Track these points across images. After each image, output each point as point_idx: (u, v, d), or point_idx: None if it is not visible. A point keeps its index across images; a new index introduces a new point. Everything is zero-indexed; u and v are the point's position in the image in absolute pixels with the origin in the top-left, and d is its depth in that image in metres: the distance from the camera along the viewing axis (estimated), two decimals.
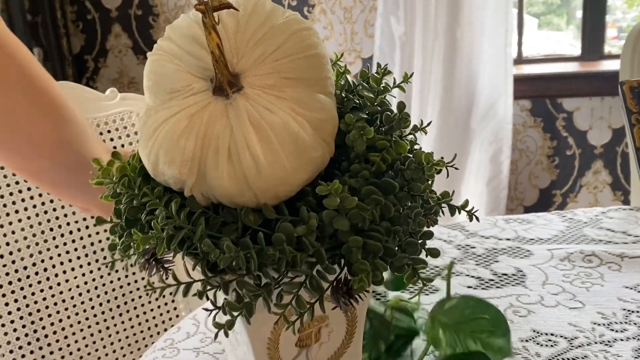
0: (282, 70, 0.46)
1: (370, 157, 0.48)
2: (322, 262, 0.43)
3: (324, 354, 0.55)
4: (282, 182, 0.44)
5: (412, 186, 0.48)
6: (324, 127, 0.46)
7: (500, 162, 2.14)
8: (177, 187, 0.46)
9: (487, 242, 1.05)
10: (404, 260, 0.44)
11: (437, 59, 2.05)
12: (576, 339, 0.77)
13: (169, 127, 0.45)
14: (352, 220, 0.44)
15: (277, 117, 0.44)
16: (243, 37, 0.47)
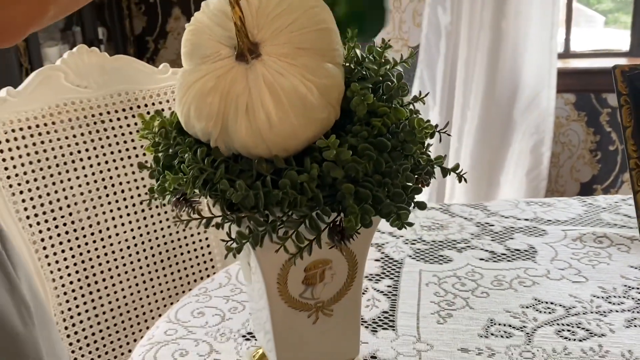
0: (295, 41, 0.54)
1: (372, 122, 0.55)
2: (319, 204, 0.51)
3: (327, 293, 0.63)
4: (290, 137, 0.52)
5: (405, 147, 0.55)
6: (330, 92, 0.54)
7: (541, 154, 2.16)
8: (205, 139, 0.55)
9: (506, 221, 1.11)
10: (390, 208, 0.52)
11: (481, 49, 2.09)
12: (573, 308, 0.83)
13: (199, 87, 0.53)
14: (348, 171, 0.51)
15: (288, 81, 0.52)
16: (263, 13, 0.55)
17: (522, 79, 2.13)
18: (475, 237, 1.05)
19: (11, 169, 0.96)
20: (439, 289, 0.89)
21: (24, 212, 0.97)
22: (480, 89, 2.12)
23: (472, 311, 0.83)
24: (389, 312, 0.84)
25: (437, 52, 2.18)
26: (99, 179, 1.06)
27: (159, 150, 0.58)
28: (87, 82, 1.06)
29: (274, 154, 0.53)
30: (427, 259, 0.98)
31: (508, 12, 2.06)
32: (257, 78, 0.52)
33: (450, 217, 1.13)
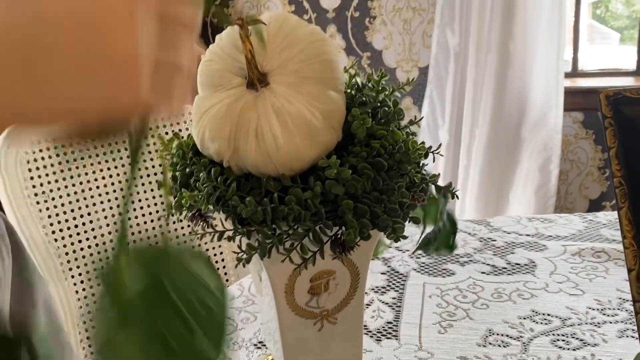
0: (300, 70, 0.59)
1: (371, 143, 0.61)
2: (321, 219, 0.56)
3: (331, 302, 0.68)
4: (296, 157, 0.58)
5: (401, 166, 0.60)
6: (332, 116, 0.59)
7: (549, 172, 2.20)
8: (219, 159, 0.60)
9: (508, 236, 1.15)
10: (386, 222, 0.57)
11: (489, 70, 2.14)
12: (569, 319, 0.87)
13: (213, 112, 0.59)
14: (348, 188, 0.57)
15: (294, 107, 0.58)
16: (271, 46, 0.61)
17: (529, 98, 2.18)
18: (478, 251, 1.09)
19: (38, 186, 1.03)
20: (441, 300, 0.94)
21: (49, 227, 1.03)
22: (489, 108, 2.17)
23: (472, 322, 0.87)
24: (393, 323, 0.88)
25: (446, 73, 2.24)
26: (119, 197, 1.12)
27: (176, 169, 0.64)
28: None
29: (281, 172, 0.59)
30: (431, 272, 1.03)
31: (515, 34, 2.11)
32: (265, 105, 0.58)
33: None
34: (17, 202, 1.00)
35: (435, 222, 0.73)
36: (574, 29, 2.34)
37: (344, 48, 2.44)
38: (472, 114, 2.20)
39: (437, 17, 2.22)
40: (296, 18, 0.63)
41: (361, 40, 2.42)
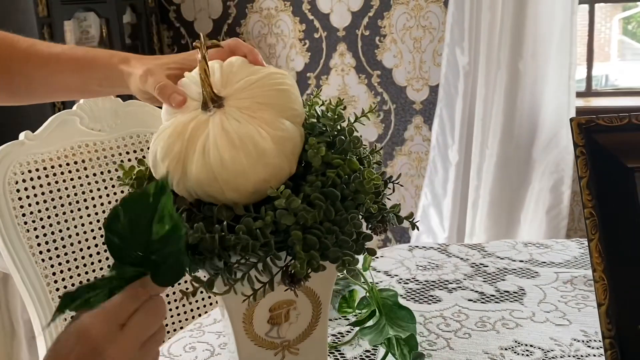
0: (256, 96, 0.60)
1: (327, 172, 0.60)
2: (270, 249, 0.55)
3: (292, 333, 0.67)
4: (240, 175, 0.57)
5: (357, 196, 0.59)
6: (284, 143, 0.59)
7: (561, 192, 2.16)
8: (170, 182, 0.60)
9: (501, 262, 1.13)
10: (337, 254, 0.56)
11: (499, 89, 2.12)
12: (552, 351, 0.84)
13: (166, 133, 0.60)
14: (299, 219, 0.56)
15: (243, 127, 0.58)
16: (233, 75, 0.62)
17: (540, 118, 2.14)
18: (467, 277, 1.07)
19: (26, 207, 1.03)
20: (423, 329, 0.92)
21: (37, 247, 1.04)
22: (499, 127, 2.14)
23: (452, 352, 0.85)
24: (370, 352, 0.87)
25: (455, 92, 2.22)
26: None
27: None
28: (101, 126, 1.14)
29: (227, 192, 0.58)
30: (417, 298, 1.01)
31: (525, 53, 2.09)
32: (215, 124, 0.58)
33: (447, 257, 1.16)
34: (5, 223, 1.01)
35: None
36: (588, 47, 2.31)
37: (354, 66, 2.43)
38: (482, 133, 2.18)
39: (447, 35, 2.20)
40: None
41: (371, 58, 2.41)
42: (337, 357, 0.85)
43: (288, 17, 2.47)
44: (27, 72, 0.81)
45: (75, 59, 0.81)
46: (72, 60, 0.81)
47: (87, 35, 2.26)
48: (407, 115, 2.43)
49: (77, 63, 0.81)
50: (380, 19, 2.36)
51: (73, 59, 0.81)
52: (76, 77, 0.81)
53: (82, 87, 0.83)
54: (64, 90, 0.85)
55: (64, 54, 0.82)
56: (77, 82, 0.82)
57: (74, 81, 0.82)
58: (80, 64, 0.80)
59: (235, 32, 2.56)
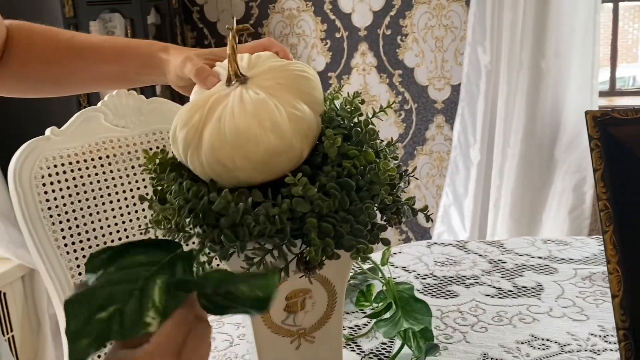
0: (278, 78, 0.62)
1: (343, 163, 0.61)
2: (285, 235, 0.56)
3: (308, 321, 0.68)
4: (251, 141, 0.58)
5: (371, 187, 0.60)
6: (298, 122, 0.60)
7: (584, 192, 2.14)
8: (184, 153, 0.62)
9: (519, 258, 1.13)
10: (351, 242, 0.57)
11: (521, 88, 2.11)
12: (568, 345, 0.84)
13: (189, 106, 0.62)
14: (314, 207, 0.57)
15: (260, 97, 0.60)
16: (259, 63, 0.64)
17: (562, 117, 2.13)
18: (485, 273, 1.07)
19: (52, 200, 1.06)
20: (440, 322, 0.92)
21: (62, 240, 1.07)
22: (521, 127, 2.13)
23: (468, 345, 0.86)
24: (387, 344, 0.87)
25: (477, 91, 2.21)
26: (132, 211, 1.15)
27: (155, 184, 0.65)
28: (125, 122, 1.16)
29: (235, 159, 0.59)
30: (434, 293, 1.02)
31: (547, 52, 2.08)
32: (235, 95, 0.60)
33: (465, 254, 1.16)
34: (31, 216, 1.04)
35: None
36: (612, 47, 2.28)
37: (375, 66, 2.44)
38: (504, 133, 2.17)
39: (468, 34, 2.20)
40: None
41: (393, 58, 2.41)
42: (354, 349, 0.86)
43: (310, 17, 2.49)
44: (67, 63, 0.84)
45: (115, 48, 0.84)
46: (112, 49, 0.84)
47: (112, 36, 2.30)
48: (429, 115, 2.43)
49: (117, 51, 0.84)
50: (402, 18, 2.37)
51: (113, 48, 0.84)
52: (115, 65, 0.84)
53: (121, 75, 0.85)
54: (102, 79, 0.87)
55: (105, 42, 0.85)
56: (115, 70, 0.84)
57: (112, 69, 0.84)
58: (120, 52, 0.83)
59: (257, 33, 2.58)
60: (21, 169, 1.04)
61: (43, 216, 1.05)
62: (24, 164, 1.04)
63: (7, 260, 1.88)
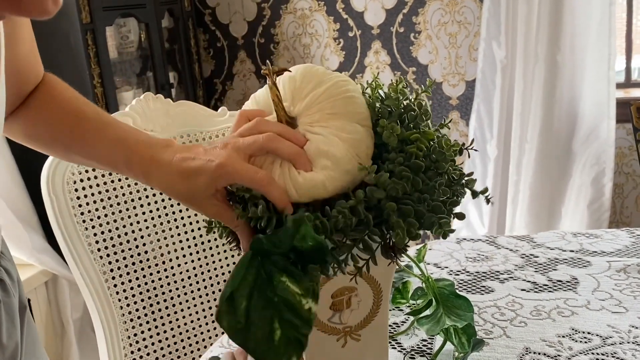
0: (325, 108, 0.62)
1: (407, 149, 0.61)
2: (369, 225, 0.57)
3: (354, 319, 0.68)
4: (318, 187, 0.59)
5: (438, 165, 0.60)
6: (358, 145, 0.61)
7: (603, 185, 2.14)
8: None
9: (551, 252, 1.13)
10: (432, 219, 0.57)
11: (537, 82, 2.11)
12: (610, 337, 0.84)
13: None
14: (389, 193, 0.57)
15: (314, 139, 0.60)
16: (298, 92, 0.64)
17: (580, 110, 2.12)
18: (518, 268, 1.07)
19: (84, 205, 1.07)
20: (479, 318, 0.92)
21: (95, 244, 1.07)
22: (538, 121, 2.13)
23: (509, 340, 0.86)
24: (427, 341, 0.88)
25: (493, 86, 2.21)
26: (162, 214, 1.15)
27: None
28: (153, 126, 1.16)
29: (302, 199, 0.59)
30: (469, 289, 1.02)
31: (563, 46, 2.07)
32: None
33: (496, 249, 1.16)
34: (65, 222, 1.05)
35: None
36: (627, 38, 2.28)
37: (389, 64, 2.44)
38: (521, 128, 2.17)
39: (482, 30, 2.20)
40: (322, 68, 0.66)
41: (406, 55, 2.41)
42: (395, 347, 0.86)
43: (322, 16, 2.49)
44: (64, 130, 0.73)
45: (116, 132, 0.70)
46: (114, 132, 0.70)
47: (126, 41, 2.30)
48: (444, 111, 2.43)
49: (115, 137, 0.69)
50: (415, 15, 2.37)
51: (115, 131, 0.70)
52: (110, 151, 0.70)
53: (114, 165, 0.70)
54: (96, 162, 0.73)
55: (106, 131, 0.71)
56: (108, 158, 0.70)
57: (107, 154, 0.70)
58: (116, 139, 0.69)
59: (270, 34, 2.59)
60: (54, 175, 1.04)
61: (76, 221, 1.05)
62: (56, 170, 1.05)
63: (31, 266, 1.89)
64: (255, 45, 2.63)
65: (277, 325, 0.54)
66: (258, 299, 0.55)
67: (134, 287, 1.11)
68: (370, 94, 0.66)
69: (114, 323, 1.09)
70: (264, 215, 0.58)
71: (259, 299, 0.55)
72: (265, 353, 0.53)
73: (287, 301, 0.55)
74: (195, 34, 2.65)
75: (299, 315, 0.54)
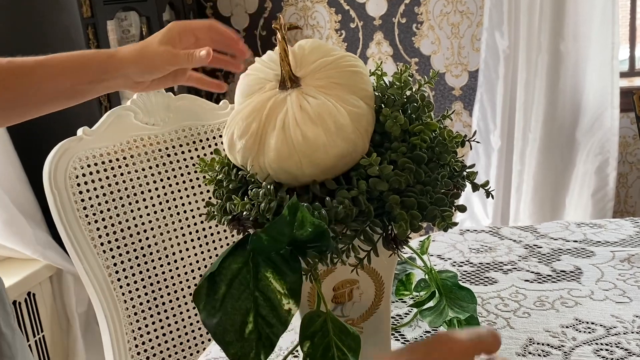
0: (331, 76, 0.62)
1: (412, 140, 0.61)
2: (370, 216, 0.57)
3: (356, 311, 0.68)
4: (320, 150, 0.58)
5: (440, 157, 0.60)
6: (359, 119, 0.60)
7: (607, 174, 2.13)
8: (243, 162, 0.62)
9: (555, 243, 1.12)
10: (434, 212, 0.57)
11: (540, 72, 2.10)
12: (614, 328, 0.84)
13: (243, 112, 0.62)
14: (392, 184, 0.57)
15: (320, 102, 0.59)
16: (305, 59, 0.64)
17: (583, 100, 2.11)
18: (522, 259, 1.07)
19: (87, 200, 1.07)
20: (482, 309, 0.92)
21: (98, 239, 1.07)
22: (541, 111, 2.12)
23: (513, 331, 0.86)
24: (430, 332, 0.87)
25: (496, 76, 2.20)
26: (165, 208, 1.15)
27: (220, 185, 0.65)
28: (155, 120, 1.16)
29: (304, 167, 0.59)
30: (472, 280, 1.01)
31: (566, 35, 2.06)
32: (293, 102, 0.60)
33: (500, 240, 1.16)
34: (67, 216, 1.05)
35: None
36: (630, 26, 2.26)
37: (392, 55, 2.43)
38: (525, 118, 2.16)
39: (485, 19, 2.19)
40: (329, 44, 0.66)
41: (409, 46, 2.40)
42: (398, 339, 0.86)
43: (323, 8, 2.48)
44: (10, 84, 0.80)
45: (61, 61, 0.82)
46: (59, 62, 0.82)
47: (127, 35, 2.30)
48: (447, 102, 2.42)
49: (64, 64, 0.82)
50: (417, 5, 2.35)
51: (59, 62, 0.82)
52: (64, 79, 0.82)
53: (72, 88, 0.84)
54: (52, 97, 0.85)
55: (51, 59, 0.83)
56: (66, 84, 0.83)
57: (62, 84, 0.83)
58: (68, 65, 0.82)
59: (271, 27, 2.58)
60: (56, 170, 1.04)
61: (79, 216, 1.06)
62: (58, 164, 1.05)
63: (35, 261, 1.89)
64: (257, 37, 2.63)
65: (250, 319, 0.53)
66: (237, 288, 0.54)
67: (138, 281, 1.11)
68: (375, 81, 0.66)
69: (118, 317, 1.09)
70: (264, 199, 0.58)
71: (238, 288, 0.54)
72: (231, 345, 0.53)
73: (268, 298, 0.54)
74: None
75: (277, 315, 0.54)
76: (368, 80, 0.65)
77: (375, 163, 0.58)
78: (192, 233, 1.18)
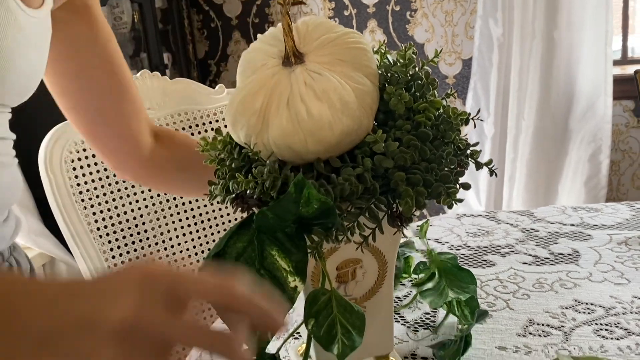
0: (335, 53, 0.61)
1: (416, 118, 0.60)
2: (375, 193, 0.56)
3: (359, 291, 0.68)
4: (325, 128, 0.58)
5: (444, 134, 0.60)
6: (364, 97, 0.60)
7: (599, 162, 2.14)
8: (247, 139, 0.61)
9: (552, 226, 1.13)
10: (439, 189, 0.57)
11: (534, 59, 2.10)
12: (613, 308, 0.84)
13: (247, 89, 0.60)
14: (397, 161, 0.57)
15: (325, 78, 0.58)
16: (310, 35, 0.63)
17: (577, 87, 2.12)
18: (520, 242, 1.07)
19: (83, 184, 1.06)
20: (481, 291, 0.92)
21: (94, 224, 1.07)
22: (535, 98, 2.13)
23: (512, 312, 0.86)
24: (430, 314, 0.88)
25: (490, 64, 2.20)
26: (162, 193, 1.14)
27: (224, 165, 0.65)
28: (150, 104, 1.15)
29: (309, 144, 0.58)
30: (471, 263, 1.01)
31: (560, 22, 2.06)
32: (298, 78, 0.59)
33: (497, 224, 1.16)
34: (64, 201, 1.04)
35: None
36: (623, 15, 2.27)
37: (385, 42, 2.43)
38: (518, 105, 2.16)
39: (479, 7, 2.18)
40: (333, 21, 0.65)
41: (402, 33, 2.40)
42: (399, 320, 0.86)
43: None
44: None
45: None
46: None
47: (119, 22, 2.28)
48: (440, 90, 2.41)
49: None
50: None
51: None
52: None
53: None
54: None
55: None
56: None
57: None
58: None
59: (264, 13, 2.57)
60: (51, 154, 1.03)
61: (75, 200, 1.05)
62: (53, 149, 1.03)
63: (28, 249, 1.88)
64: (249, 25, 2.61)
65: None
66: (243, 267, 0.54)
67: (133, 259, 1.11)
68: (378, 59, 0.66)
69: None
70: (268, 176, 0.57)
71: (244, 267, 0.54)
72: None
73: (274, 276, 0.54)
74: (189, 14, 2.62)
75: (284, 292, 0.54)
76: (372, 57, 0.64)
77: (380, 140, 0.57)
78: (188, 218, 1.17)
